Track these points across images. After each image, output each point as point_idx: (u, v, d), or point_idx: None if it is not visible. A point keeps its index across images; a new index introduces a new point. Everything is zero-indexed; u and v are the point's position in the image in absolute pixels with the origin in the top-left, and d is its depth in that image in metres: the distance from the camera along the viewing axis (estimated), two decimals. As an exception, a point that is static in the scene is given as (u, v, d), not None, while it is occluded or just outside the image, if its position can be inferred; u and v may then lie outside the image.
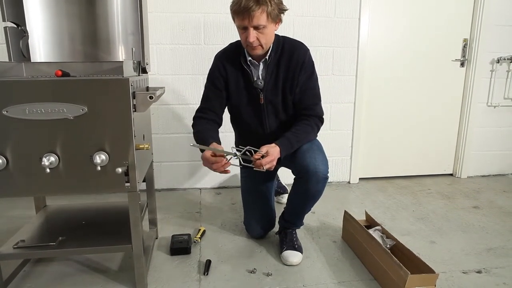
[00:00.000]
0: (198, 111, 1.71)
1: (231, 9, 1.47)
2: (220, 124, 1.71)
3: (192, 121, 1.70)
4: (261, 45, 1.52)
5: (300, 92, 1.62)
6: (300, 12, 2.50)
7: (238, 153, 1.43)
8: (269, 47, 1.58)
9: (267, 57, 1.59)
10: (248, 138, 1.80)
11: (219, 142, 1.54)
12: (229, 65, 1.64)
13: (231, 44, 1.70)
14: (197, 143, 1.54)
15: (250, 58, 1.61)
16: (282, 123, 1.69)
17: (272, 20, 1.47)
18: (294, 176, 1.64)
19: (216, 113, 1.68)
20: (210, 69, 1.69)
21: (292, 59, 1.59)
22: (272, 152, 1.45)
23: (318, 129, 1.66)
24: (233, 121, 1.82)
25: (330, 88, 2.63)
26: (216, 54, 1.70)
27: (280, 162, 1.83)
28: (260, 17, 1.42)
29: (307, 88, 1.62)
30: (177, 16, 2.40)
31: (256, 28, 1.45)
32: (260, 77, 1.63)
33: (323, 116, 1.67)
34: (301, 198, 1.65)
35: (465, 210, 2.30)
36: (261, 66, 1.62)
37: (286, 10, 1.53)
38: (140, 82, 1.47)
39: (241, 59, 1.62)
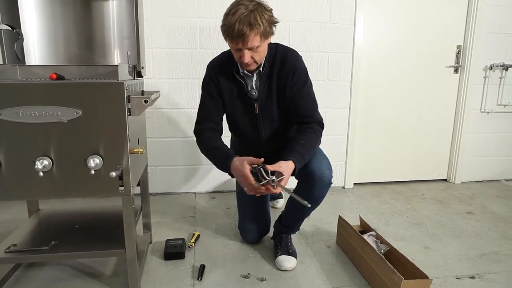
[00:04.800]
0: (197, 123, 1.68)
1: (222, 31, 1.44)
2: (221, 133, 1.69)
3: (194, 136, 1.67)
4: (255, 62, 1.51)
5: (295, 99, 1.60)
6: (295, 18, 2.51)
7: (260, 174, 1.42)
8: (263, 60, 1.57)
9: (261, 69, 1.58)
10: (245, 144, 1.81)
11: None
12: (222, 75, 1.62)
13: (224, 53, 1.68)
14: (211, 159, 1.61)
15: (244, 71, 1.59)
16: (278, 130, 1.70)
17: (265, 38, 1.46)
18: (298, 180, 1.64)
19: (215, 123, 1.66)
20: (204, 79, 1.68)
21: (284, 67, 1.58)
22: (287, 172, 1.43)
23: (321, 136, 1.64)
24: (230, 128, 1.83)
25: (325, 93, 2.64)
26: (208, 64, 1.68)
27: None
28: (254, 40, 1.41)
29: (302, 95, 1.61)
30: (173, 21, 2.40)
31: (250, 48, 1.44)
32: (254, 87, 1.62)
33: (323, 122, 1.66)
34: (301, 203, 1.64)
35: (459, 216, 2.32)
36: (255, 77, 1.61)
37: (278, 22, 1.50)
38: (135, 86, 1.47)
39: (234, 70, 1.60)
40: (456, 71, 2.85)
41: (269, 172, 1.40)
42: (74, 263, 1.67)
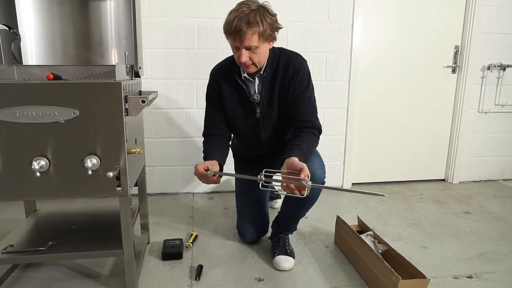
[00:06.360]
0: (203, 132, 1.74)
1: (223, 28, 1.47)
2: (229, 136, 1.75)
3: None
4: (254, 64, 1.51)
5: (296, 102, 1.60)
6: (293, 18, 2.51)
7: (263, 178, 1.29)
8: (264, 63, 1.57)
9: (261, 72, 1.58)
10: (244, 144, 1.82)
11: (221, 157, 1.59)
12: (223, 81, 1.64)
13: (227, 59, 1.70)
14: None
15: (245, 75, 1.60)
16: (278, 131, 1.70)
17: (264, 40, 1.46)
18: None
19: (220, 128, 1.71)
20: (207, 86, 1.71)
21: (288, 71, 1.58)
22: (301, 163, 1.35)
23: (319, 140, 1.64)
24: (231, 131, 1.84)
25: (323, 93, 2.64)
26: (212, 69, 1.71)
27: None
28: (252, 38, 1.41)
29: (303, 99, 1.60)
30: (170, 21, 2.40)
31: (248, 48, 1.45)
32: (256, 91, 1.62)
33: (321, 129, 1.65)
34: (297, 202, 1.64)
35: (457, 215, 2.32)
36: (257, 81, 1.61)
37: (281, 28, 1.52)
38: (132, 86, 1.46)
39: (235, 75, 1.61)
40: (453, 71, 2.86)
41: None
42: (71, 263, 1.66)
